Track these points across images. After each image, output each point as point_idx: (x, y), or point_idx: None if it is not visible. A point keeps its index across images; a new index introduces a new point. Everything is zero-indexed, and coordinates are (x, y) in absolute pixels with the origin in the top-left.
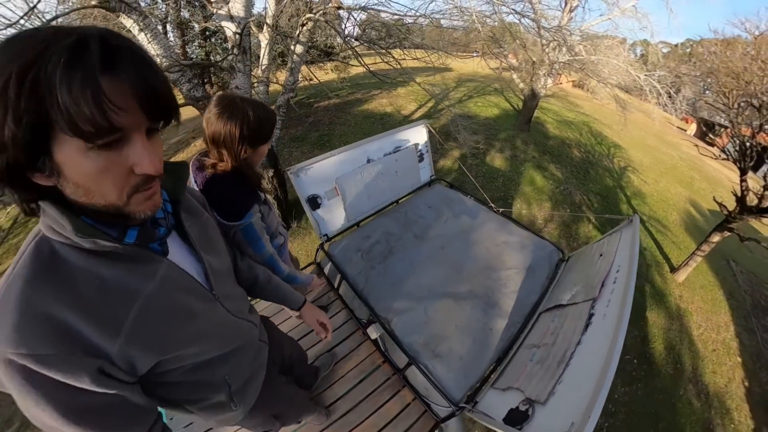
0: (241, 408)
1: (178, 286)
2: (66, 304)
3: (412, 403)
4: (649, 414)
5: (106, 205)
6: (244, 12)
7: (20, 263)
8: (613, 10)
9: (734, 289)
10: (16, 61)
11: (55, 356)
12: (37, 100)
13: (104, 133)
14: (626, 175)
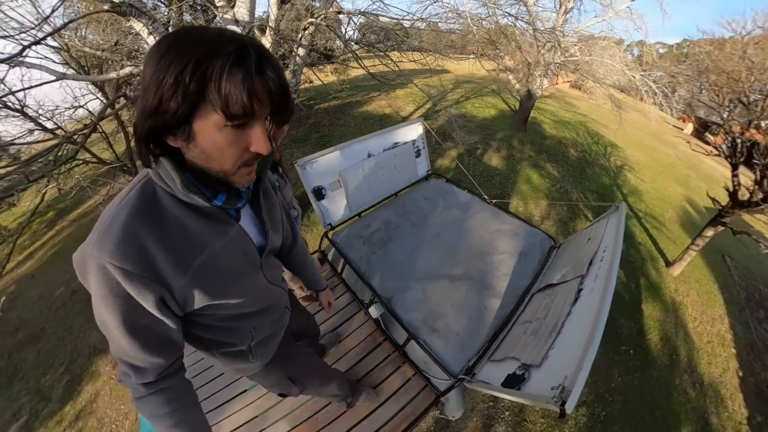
0: (258, 361)
1: (239, 249)
2: (154, 238)
3: (413, 378)
4: (646, 403)
5: (218, 171)
6: (248, 16)
7: (129, 195)
8: (608, 11)
9: (729, 284)
10: (193, 52)
11: (136, 275)
12: (203, 84)
13: (244, 117)
14: (623, 174)
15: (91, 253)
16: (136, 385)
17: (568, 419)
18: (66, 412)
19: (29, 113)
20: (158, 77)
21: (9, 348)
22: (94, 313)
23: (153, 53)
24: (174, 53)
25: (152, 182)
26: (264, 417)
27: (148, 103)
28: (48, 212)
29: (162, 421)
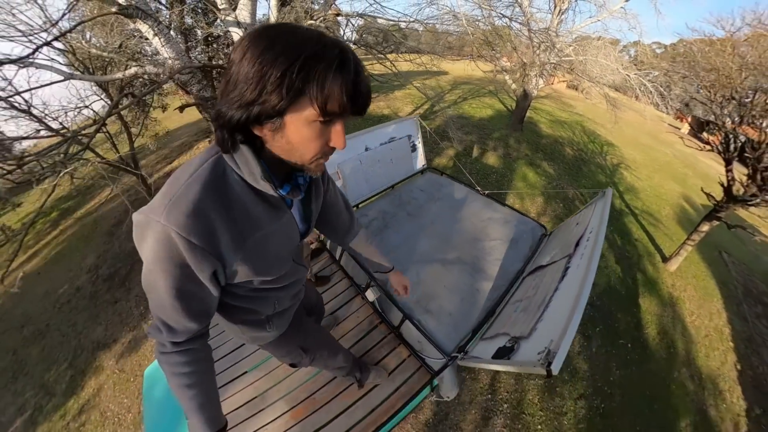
0: (274, 330)
1: (287, 233)
2: (220, 215)
3: (408, 359)
4: (644, 395)
5: (296, 162)
6: (250, 18)
7: (201, 170)
8: (602, 11)
9: (726, 279)
10: (301, 50)
11: (199, 248)
12: (306, 81)
13: (337, 115)
14: (619, 172)
15: (158, 220)
16: (165, 340)
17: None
18: (69, 406)
19: (35, 113)
20: (261, 69)
21: (14, 344)
22: (144, 273)
23: (252, 46)
24: (281, 48)
25: (223, 161)
26: (263, 397)
27: (245, 93)
28: (52, 212)
29: (179, 379)
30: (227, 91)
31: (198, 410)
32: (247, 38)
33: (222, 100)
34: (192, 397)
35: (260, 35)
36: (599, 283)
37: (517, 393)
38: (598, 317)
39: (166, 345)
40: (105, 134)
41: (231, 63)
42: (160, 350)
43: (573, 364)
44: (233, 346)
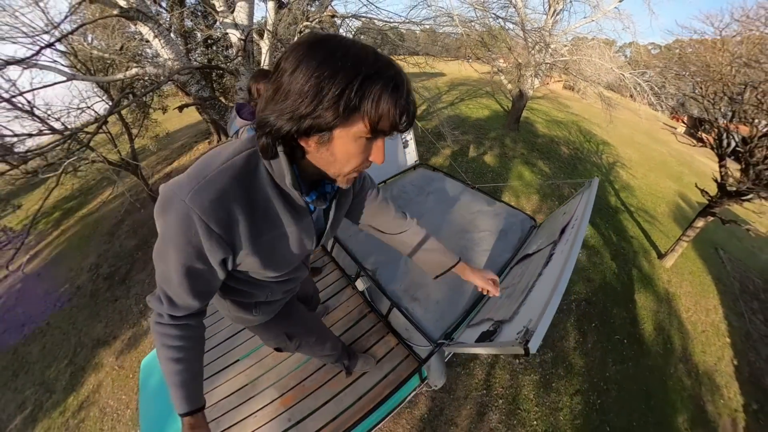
0: (260, 316)
1: (303, 238)
2: (242, 207)
3: (396, 348)
4: (641, 391)
5: (333, 173)
6: (247, 20)
7: (235, 160)
8: (596, 12)
9: (722, 275)
10: (360, 68)
11: (216, 234)
12: (362, 99)
13: (383, 133)
14: (615, 170)
15: (183, 199)
16: (164, 312)
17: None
18: (69, 403)
19: (38, 114)
20: (319, 84)
21: (15, 343)
22: (157, 244)
23: (307, 57)
24: (340, 65)
25: (257, 155)
26: (254, 385)
27: (298, 106)
28: (54, 213)
29: (169, 352)
30: (276, 100)
31: (180, 385)
32: (302, 48)
33: (269, 108)
34: (178, 372)
35: (316, 47)
36: (594, 279)
37: (513, 389)
38: (593, 313)
39: (164, 316)
40: (107, 134)
41: (281, 71)
42: (157, 320)
43: (568, 359)
44: (226, 335)
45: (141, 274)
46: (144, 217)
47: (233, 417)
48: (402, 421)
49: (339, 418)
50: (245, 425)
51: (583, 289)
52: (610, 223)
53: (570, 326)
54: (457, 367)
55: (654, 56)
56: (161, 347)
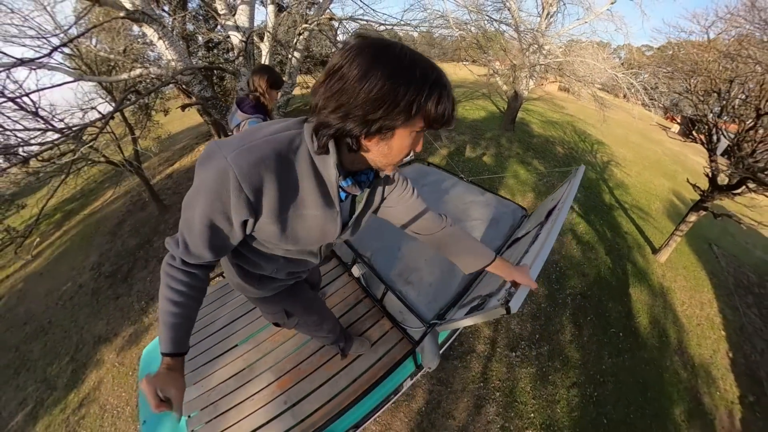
0: (260, 291)
1: (324, 224)
2: (275, 178)
3: (390, 331)
4: (637, 383)
5: (384, 164)
6: (248, 23)
7: (281, 136)
8: (589, 14)
9: (717, 270)
10: (428, 78)
11: (244, 194)
12: (427, 103)
13: (433, 128)
14: (609, 169)
15: (226, 156)
16: (178, 255)
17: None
18: (70, 399)
19: (42, 115)
20: (394, 92)
21: (17, 341)
22: (190, 192)
23: (376, 63)
24: (410, 74)
25: (302, 137)
26: (252, 368)
27: (369, 110)
28: (55, 214)
29: (170, 293)
30: (342, 103)
31: (171, 327)
32: (367, 53)
33: (334, 111)
34: (173, 314)
35: (383, 53)
36: (589, 274)
37: (510, 381)
38: (588, 307)
39: (176, 259)
40: (111, 135)
41: (343, 74)
42: (169, 261)
43: (565, 352)
44: (226, 321)
45: (143, 272)
46: (146, 216)
47: (231, 400)
48: (400, 414)
49: (334, 400)
50: (243, 408)
51: (578, 283)
52: (604, 220)
53: (566, 320)
54: (455, 360)
55: (648, 58)
56: (165, 287)
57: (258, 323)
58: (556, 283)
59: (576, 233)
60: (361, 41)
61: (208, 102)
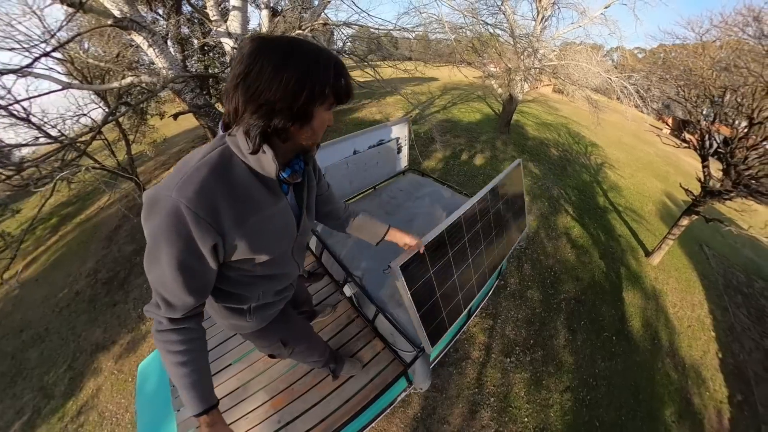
0: (254, 322)
1: (283, 219)
2: (224, 195)
3: (382, 352)
4: (630, 386)
5: (311, 144)
6: (240, 29)
7: (210, 156)
8: (584, 18)
9: (707, 271)
10: (329, 62)
11: (204, 220)
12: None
13: (340, 101)
14: (603, 171)
15: (170, 195)
16: (162, 316)
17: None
18: (68, 408)
19: (34, 122)
20: (307, 80)
21: (13, 349)
22: (147, 250)
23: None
24: (315, 61)
25: (230, 149)
26: (246, 388)
27: (292, 104)
28: (51, 218)
29: (173, 357)
30: (261, 103)
31: (191, 387)
32: (271, 52)
33: (256, 112)
34: (185, 374)
35: (287, 48)
36: (583, 278)
37: (504, 387)
38: (582, 311)
39: (163, 322)
40: (103, 141)
41: (258, 77)
42: (157, 328)
43: (558, 357)
44: (219, 340)
45: (139, 278)
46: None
47: (226, 419)
48: (395, 420)
49: (326, 421)
50: (237, 426)
51: (572, 287)
52: (598, 223)
53: (560, 324)
54: (450, 366)
55: (639, 60)
56: (165, 354)
57: (251, 343)
58: (550, 287)
59: (570, 237)
60: (257, 43)
61: (200, 110)
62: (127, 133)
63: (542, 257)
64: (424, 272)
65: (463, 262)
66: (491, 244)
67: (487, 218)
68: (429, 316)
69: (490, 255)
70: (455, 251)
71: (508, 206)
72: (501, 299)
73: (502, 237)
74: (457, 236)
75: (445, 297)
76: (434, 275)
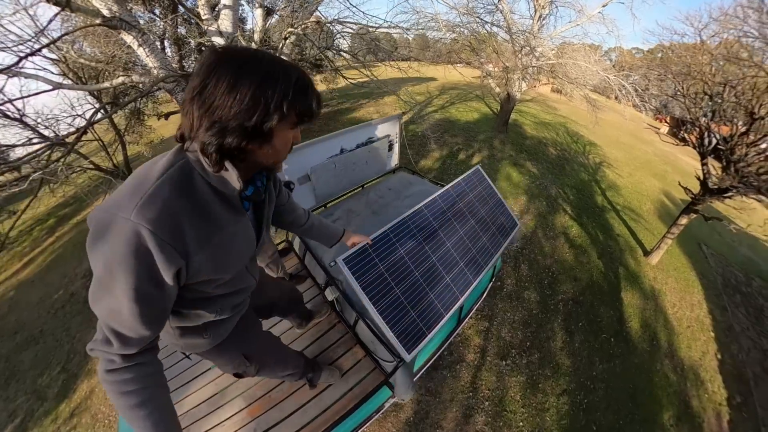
0: (210, 339)
1: (245, 235)
2: (187, 215)
3: (363, 360)
4: (628, 388)
5: (273, 163)
6: (231, 28)
7: (171, 173)
8: (582, 16)
9: (706, 270)
10: (290, 77)
11: (168, 244)
12: (295, 98)
13: (303, 122)
14: (601, 170)
15: (127, 217)
16: (114, 354)
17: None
18: (61, 410)
19: (28, 122)
20: (263, 96)
21: (7, 351)
22: (97, 278)
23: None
24: (272, 76)
25: (190, 166)
26: (223, 394)
27: (246, 119)
28: (48, 219)
29: (128, 399)
30: (216, 118)
31: (153, 428)
32: (226, 65)
33: (210, 128)
34: (145, 416)
35: (245, 61)
36: (581, 278)
37: (499, 390)
38: (580, 312)
39: (114, 360)
40: (99, 143)
41: (213, 92)
42: (107, 368)
43: (555, 360)
44: None
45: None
46: None
47: (201, 426)
48: (387, 424)
49: (304, 430)
50: None
51: (570, 288)
52: (597, 222)
53: (557, 326)
54: (443, 370)
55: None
56: (119, 396)
57: None
58: (548, 288)
59: (568, 236)
60: (216, 55)
61: None
62: (122, 134)
63: (540, 257)
64: (372, 266)
65: (423, 261)
66: (462, 245)
67: (447, 221)
68: (394, 317)
69: (464, 256)
70: (408, 250)
71: (475, 208)
72: (497, 300)
73: (478, 238)
74: (407, 234)
75: (412, 298)
76: (387, 272)
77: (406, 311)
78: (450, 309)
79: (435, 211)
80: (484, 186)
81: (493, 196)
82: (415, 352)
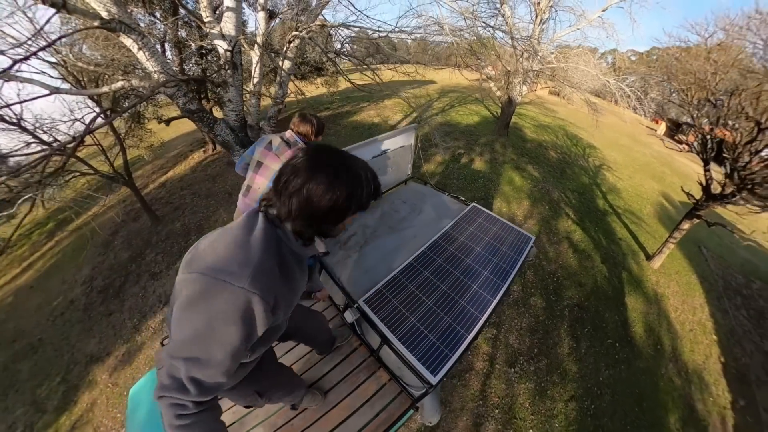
0: (232, 382)
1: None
2: (280, 280)
3: (388, 384)
4: (634, 393)
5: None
6: (234, 31)
7: (270, 245)
8: (582, 20)
9: (707, 273)
10: (370, 186)
11: (272, 307)
12: (368, 199)
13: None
14: (601, 173)
15: (241, 285)
16: (189, 401)
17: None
18: (61, 423)
19: (26, 127)
20: (353, 201)
21: (5, 359)
22: (197, 332)
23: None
24: (361, 183)
25: (280, 237)
26: (242, 423)
27: (340, 219)
28: (48, 223)
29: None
30: (311, 214)
31: None
32: (326, 168)
33: (302, 219)
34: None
35: (333, 167)
36: (586, 283)
37: (509, 398)
38: (586, 318)
39: (187, 406)
40: (98, 147)
41: (311, 195)
42: (179, 412)
43: (563, 366)
44: None
45: (135, 287)
46: (138, 227)
47: None
48: None
49: None
50: None
51: (575, 293)
52: (599, 226)
53: (564, 332)
54: (453, 378)
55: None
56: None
57: None
58: (553, 294)
59: (572, 241)
60: (311, 159)
61: (193, 115)
62: (122, 138)
63: (545, 263)
64: (386, 302)
65: (433, 291)
66: (471, 271)
67: (451, 255)
68: (412, 342)
69: (476, 279)
70: (418, 284)
71: (478, 237)
72: (504, 307)
73: (488, 262)
74: (414, 273)
75: (428, 324)
76: (401, 304)
77: (423, 336)
78: (472, 329)
79: (438, 249)
80: (483, 217)
81: (496, 221)
82: (441, 374)
